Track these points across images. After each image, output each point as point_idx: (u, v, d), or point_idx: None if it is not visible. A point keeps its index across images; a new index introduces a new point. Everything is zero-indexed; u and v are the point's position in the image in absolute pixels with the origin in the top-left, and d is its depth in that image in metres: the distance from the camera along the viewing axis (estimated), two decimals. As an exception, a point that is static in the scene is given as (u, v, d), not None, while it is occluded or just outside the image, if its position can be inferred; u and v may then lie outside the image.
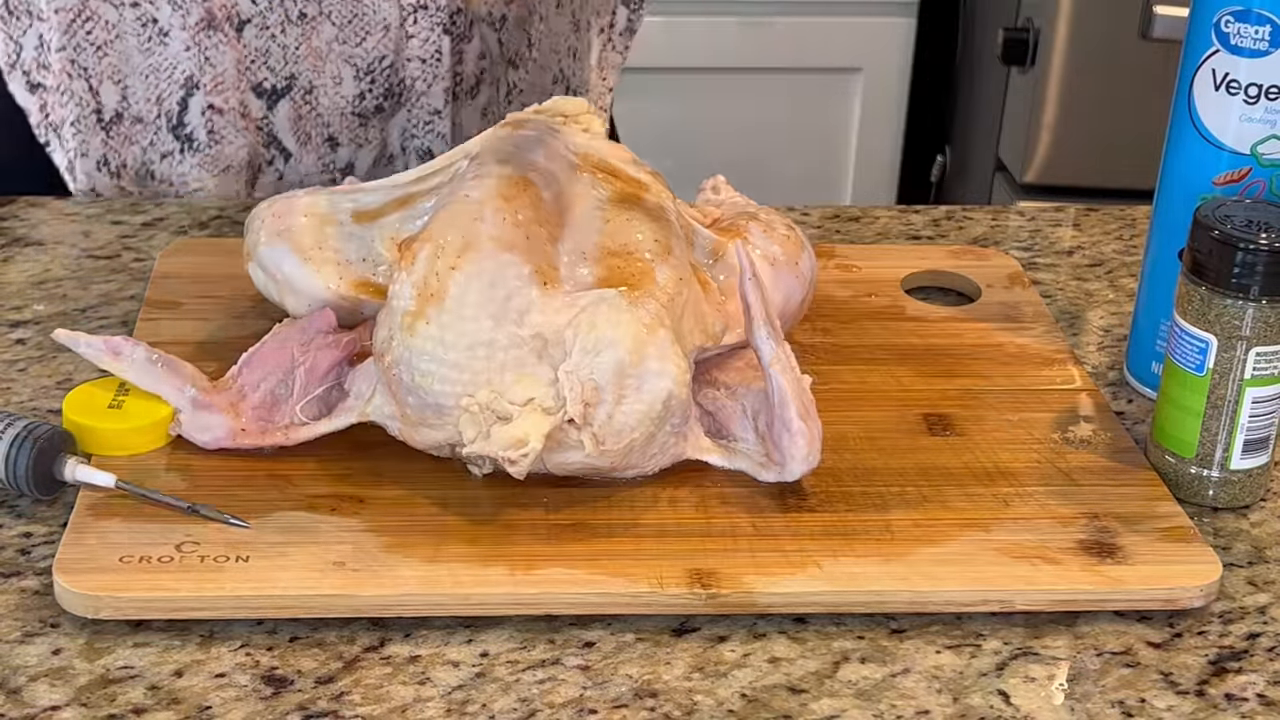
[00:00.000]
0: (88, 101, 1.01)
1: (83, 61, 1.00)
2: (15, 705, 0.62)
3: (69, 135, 1.02)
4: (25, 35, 1.01)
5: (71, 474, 0.72)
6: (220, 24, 0.98)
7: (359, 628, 0.67)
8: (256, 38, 0.99)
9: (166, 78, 1.00)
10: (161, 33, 0.99)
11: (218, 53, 0.99)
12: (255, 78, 1.00)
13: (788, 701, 0.64)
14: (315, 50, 0.99)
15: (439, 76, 1.02)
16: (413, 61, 1.02)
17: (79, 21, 0.99)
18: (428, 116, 1.04)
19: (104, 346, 0.76)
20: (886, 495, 0.74)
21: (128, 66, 1.00)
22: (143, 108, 1.01)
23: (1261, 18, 0.77)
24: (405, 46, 1.01)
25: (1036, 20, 1.98)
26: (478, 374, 0.70)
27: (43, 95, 1.02)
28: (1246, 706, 0.65)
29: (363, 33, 1.00)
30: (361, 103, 1.02)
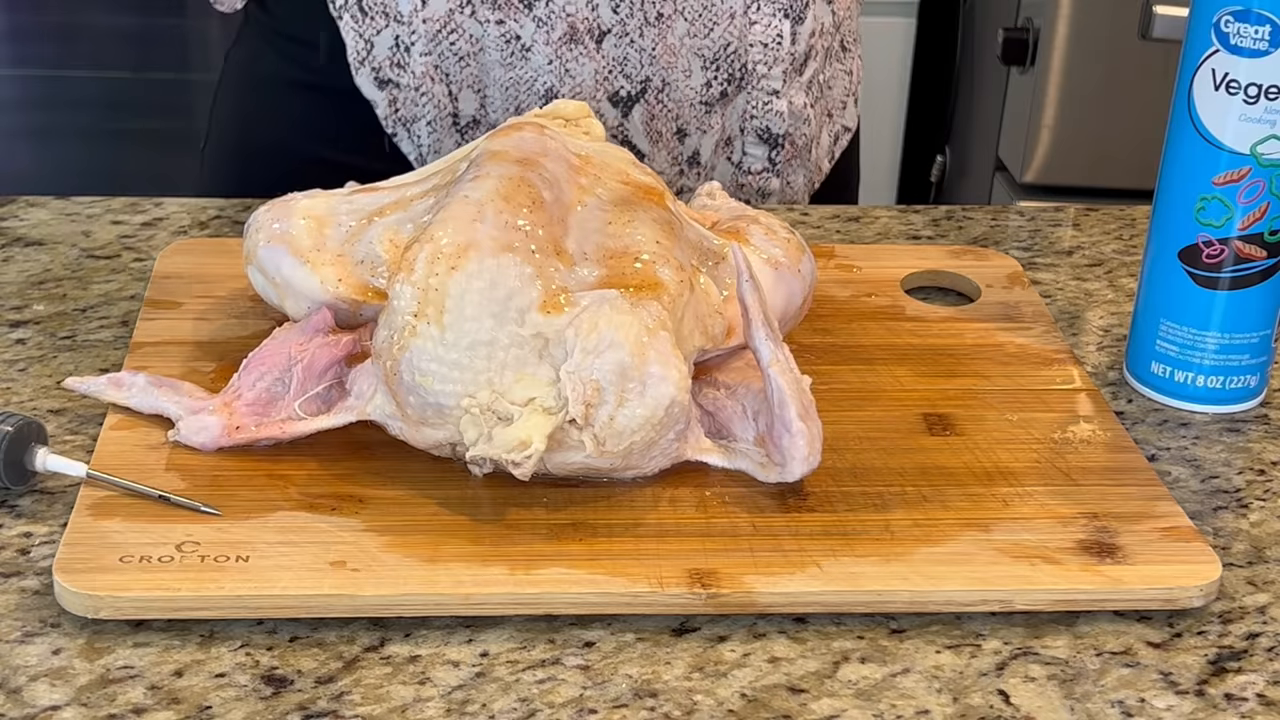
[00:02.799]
0: (445, 105, 1.04)
1: (445, 68, 1.03)
2: (15, 705, 0.62)
3: (422, 132, 1.05)
4: (379, 35, 1.04)
5: (42, 463, 0.73)
6: (582, 37, 1.00)
7: (359, 628, 0.67)
8: (615, 46, 1.02)
9: (527, 90, 1.03)
10: (524, 48, 1.02)
11: (578, 65, 1.01)
12: (612, 87, 1.03)
13: (788, 701, 0.64)
14: (670, 48, 1.02)
15: (779, 59, 1.06)
16: (754, 47, 1.05)
17: (444, 32, 1.02)
18: (766, 98, 1.07)
19: (106, 382, 0.78)
20: (886, 495, 0.74)
21: (488, 78, 1.03)
22: (500, 116, 1.04)
23: (1261, 18, 0.77)
24: (749, 33, 1.04)
25: (1036, 20, 1.98)
26: (478, 374, 0.70)
27: (392, 91, 1.05)
28: (1246, 706, 0.65)
29: (711, 23, 1.03)
30: (708, 91, 1.05)
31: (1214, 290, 0.82)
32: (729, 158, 1.07)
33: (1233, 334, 0.83)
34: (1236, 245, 0.81)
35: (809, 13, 1.06)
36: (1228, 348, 0.83)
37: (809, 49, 1.07)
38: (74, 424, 0.79)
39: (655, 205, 0.77)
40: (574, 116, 0.84)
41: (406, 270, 0.72)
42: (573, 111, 0.84)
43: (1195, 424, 0.84)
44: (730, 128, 1.07)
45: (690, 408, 0.73)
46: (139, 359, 0.83)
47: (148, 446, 0.75)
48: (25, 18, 2.49)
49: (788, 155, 1.08)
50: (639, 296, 0.72)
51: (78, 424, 0.79)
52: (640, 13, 1.01)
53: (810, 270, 0.83)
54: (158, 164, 2.03)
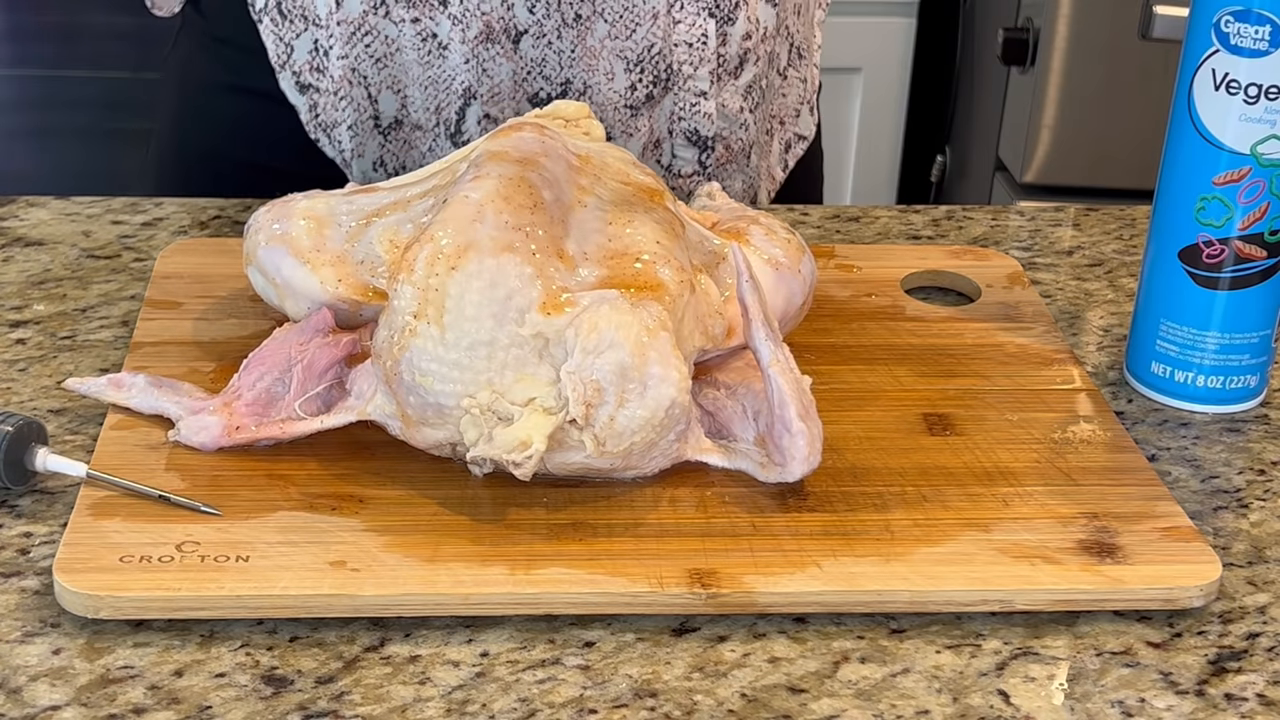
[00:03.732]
0: (365, 108, 1.04)
1: (362, 70, 1.02)
2: (15, 705, 0.62)
3: (344, 136, 1.05)
4: (298, 39, 1.03)
5: (42, 463, 0.73)
6: (498, 36, 1.00)
7: (359, 628, 0.67)
8: (533, 48, 1.01)
9: (445, 89, 1.02)
10: (440, 46, 1.01)
11: (495, 65, 1.01)
12: (531, 88, 1.02)
13: (788, 701, 0.64)
14: (590, 50, 1.01)
15: (704, 59, 1.04)
16: (679, 47, 1.03)
17: (359, 34, 1.01)
18: (693, 99, 1.06)
19: (106, 382, 0.78)
20: (886, 495, 0.74)
21: (407, 78, 1.02)
22: (421, 116, 1.03)
23: (1261, 18, 0.77)
24: (672, 33, 1.03)
25: (1036, 20, 1.98)
26: (479, 374, 0.70)
27: (313, 96, 1.04)
28: (1246, 706, 0.65)
29: (633, 25, 1.02)
30: (633, 94, 1.04)
31: (1214, 290, 0.82)
32: (658, 160, 1.06)
33: (1233, 334, 0.83)
34: (1236, 245, 0.81)
35: (739, 14, 1.04)
36: (1228, 348, 0.83)
37: (743, 51, 1.06)
38: (74, 424, 0.79)
39: (655, 205, 0.78)
40: (574, 117, 0.84)
41: (406, 270, 0.72)
42: (573, 112, 0.84)
43: (1195, 424, 0.84)
44: (659, 129, 1.06)
45: (690, 408, 0.73)
46: (139, 359, 0.83)
47: (148, 446, 0.75)
48: (25, 18, 2.49)
49: (720, 158, 1.07)
50: (639, 297, 0.72)
51: (78, 424, 0.79)
52: (557, 14, 1.00)
53: (810, 270, 0.83)
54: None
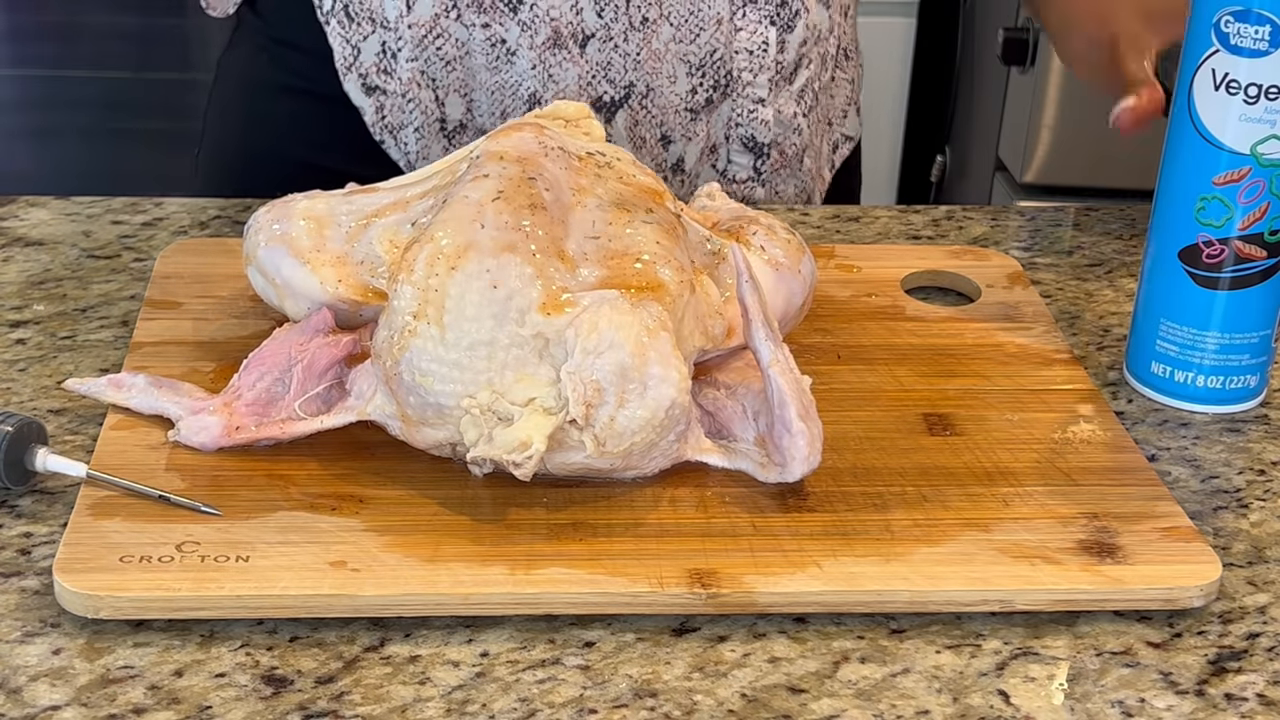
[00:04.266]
0: (432, 110, 1.04)
1: (431, 73, 1.03)
2: (15, 705, 0.62)
3: (410, 139, 1.05)
4: (366, 41, 1.03)
5: (42, 463, 0.73)
6: (565, 41, 1.00)
7: (359, 628, 0.67)
8: (599, 51, 1.01)
9: (511, 94, 1.03)
10: (509, 52, 1.01)
11: (561, 70, 1.01)
12: (595, 92, 1.03)
13: (788, 701, 0.64)
14: (654, 53, 1.02)
15: (764, 67, 1.05)
16: (740, 54, 1.04)
17: (430, 37, 1.02)
18: (751, 105, 1.06)
19: (106, 383, 0.78)
20: (886, 495, 0.74)
21: (474, 82, 1.03)
22: (487, 120, 1.04)
23: (1261, 18, 0.77)
24: (734, 40, 1.03)
25: (1036, 20, 1.98)
26: (479, 374, 0.70)
27: (379, 98, 1.05)
28: (1246, 706, 0.65)
29: (697, 29, 1.02)
30: (693, 97, 1.04)
31: (1214, 290, 0.82)
32: (714, 165, 1.07)
33: (1233, 334, 0.83)
34: (1236, 245, 0.81)
35: (799, 21, 1.05)
36: (1228, 348, 0.83)
37: (799, 57, 1.07)
38: (74, 424, 0.79)
39: (656, 206, 0.77)
40: (574, 117, 0.84)
41: (406, 270, 0.72)
42: (573, 112, 0.84)
43: (1195, 424, 0.84)
44: (715, 135, 1.06)
45: (690, 408, 0.73)
46: (139, 359, 0.83)
47: (148, 446, 0.75)
48: (25, 18, 2.49)
49: (774, 164, 1.08)
50: (639, 297, 0.72)
51: (78, 424, 0.79)
52: (625, 17, 1.01)
53: (810, 270, 0.83)
54: (158, 164, 2.03)
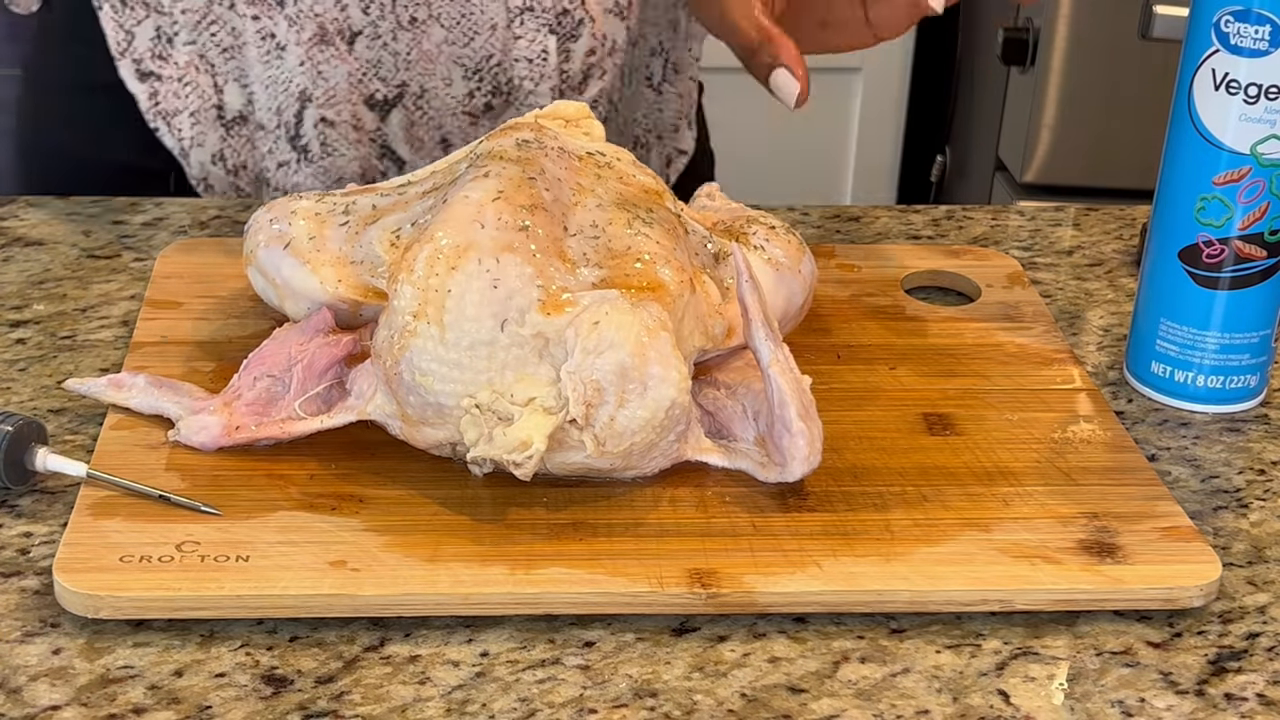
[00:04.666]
0: (209, 96, 1.03)
1: (210, 58, 1.02)
2: (15, 705, 0.62)
3: (185, 124, 1.04)
4: (139, 26, 1.03)
5: (42, 463, 0.73)
6: (332, 38, 0.99)
7: (359, 627, 0.67)
8: (368, 49, 1.01)
9: (284, 90, 1.02)
10: (279, 46, 1.01)
11: (330, 66, 1.00)
12: (367, 90, 1.02)
13: (788, 701, 0.64)
14: (426, 54, 1.01)
15: (545, 75, 1.04)
16: (520, 62, 1.03)
17: (204, 23, 1.01)
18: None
19: (107, 383, 0.78)
20: (886, 495, 0.74)
21: (251, 74, 1.02)
22: (264, 115, 1.03)
23: (1261, 18, 0.77)
24: (513, 47, 1.03)
25: (1036, 20, 1.98)
26: (479, 373, 0.70)
27: (154, 84, 1.04)
28: (1246, 706, 0.65)
29: (470, 33, 1.01)
30: (471, 101, 1.03)
31: (1214, 290, 0.83)
32: None
33: (1233, 334, 0.83)
34: (1236, 245, 0.81)
35: (583, 30, 1.04)
36: (1228, 348, 0.83)
37: (587, 67, 1.06)
38: (74, 424, 0.79)
39: (656, 206, 0.78)
40: (574, 117, 0.84)
41: (407, 270, 0.72)
42: (573, 112, 0.84)
43: (1195, 424, 0.84)
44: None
45: (690, 408, 0.73)
46: (139, 359, 0.83)
47: (148, 446, 0.75)
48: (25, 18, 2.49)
49: None
50: (639, 297, 0.72)
51: (78, 424, 0.79)
52: (392, 15, 1.00)
53: (810, 270, 0.83)
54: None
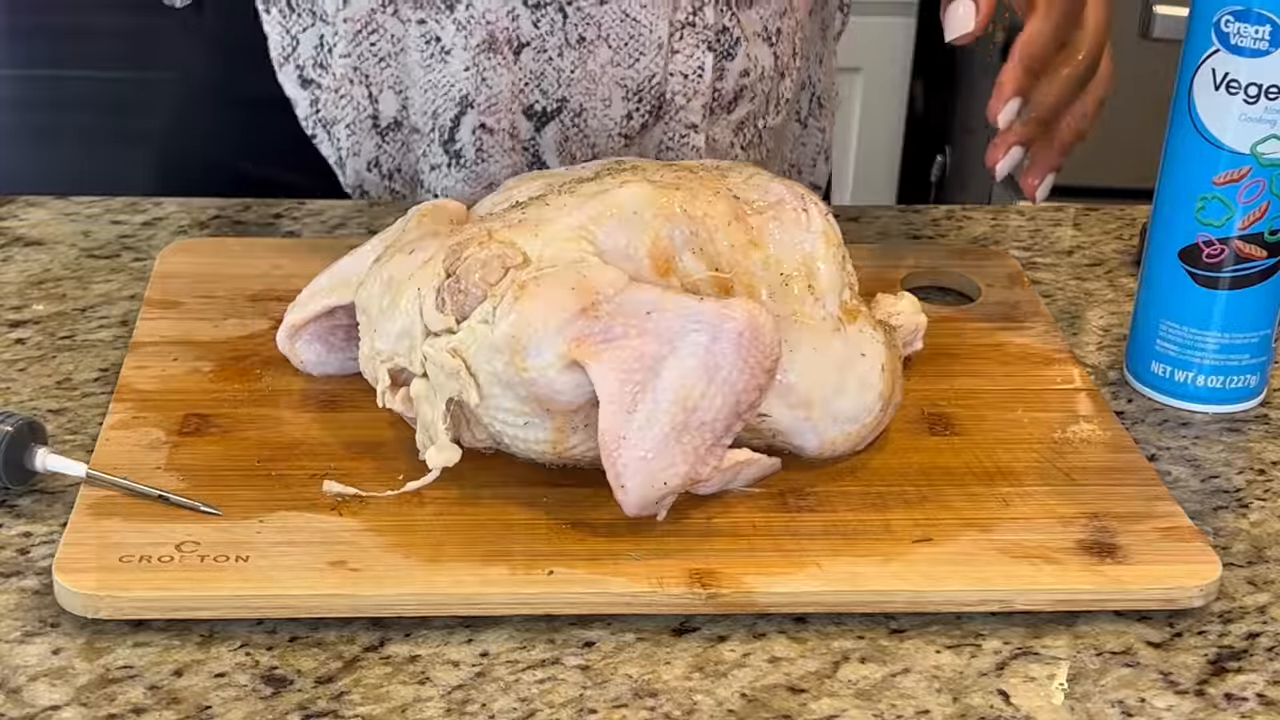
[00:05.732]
0: (365, 107, 1.03)
1: (365, 69, 1.02)
2: (15, 705, 0.62)
3: (341, 134, 1.04)
4: (305, 33, 1.03)
5: (42, 463, 0.73)
6: (500, 46, 0.99)
7: (359, 627, 0.67)
8: (533, 61, 1.00)
9: (444, 94, 1.02)
10: (443, 51, 1.00)
11: (495, 74, 1.00)
12: (527, 100, 1.01)
13: (788, 701, 0.64)
14: (590, 74, 1.00)
15: (699, 92, 1.03)
16: (674, 77, 1.03)
17: (365, 32, 1.01)
18: (683, 130, 1.04)
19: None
20: (886, 495, 0.74)
21: (408, 79, 1.02)
22: (419, 119, 1.03)
23: (1261, 18, 0.77)
24: (671, 62, 1.02)
25: (1036, 20, 1.98)
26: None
27: (314, 91, 1.04)
28: (1246, 706, 0.65)
29: (637, 54, 1.01)
30: (629, 123, 1.03)
31: (1214, 290, 0.82)
32: None
33: (1233, 334, 0.83)
34: (1237, 245, 0.81)
35: (739, 50, 1.04)
36: (1228, 347, 0.83)
37: (739, 88, 1.05)
38: (74, 424, 0.79)
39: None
40: None
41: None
42: None
43: (1195, 424, 0.84)
44: (646, 157, 1.05)
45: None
46: (139, 359, 0.83)
47: (148, 446, 0.75)
48: (25, 18, 2.49)
49: None
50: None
51: (78, 424, 0.79)
52: (561, 31, 1.00)
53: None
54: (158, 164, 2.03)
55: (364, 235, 0.99)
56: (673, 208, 0.73)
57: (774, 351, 0.70)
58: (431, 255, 0.72)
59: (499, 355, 0.69)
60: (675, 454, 0.68)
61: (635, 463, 0.68)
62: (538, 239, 0.71)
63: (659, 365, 0.68)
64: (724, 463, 0.71)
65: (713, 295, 0.72)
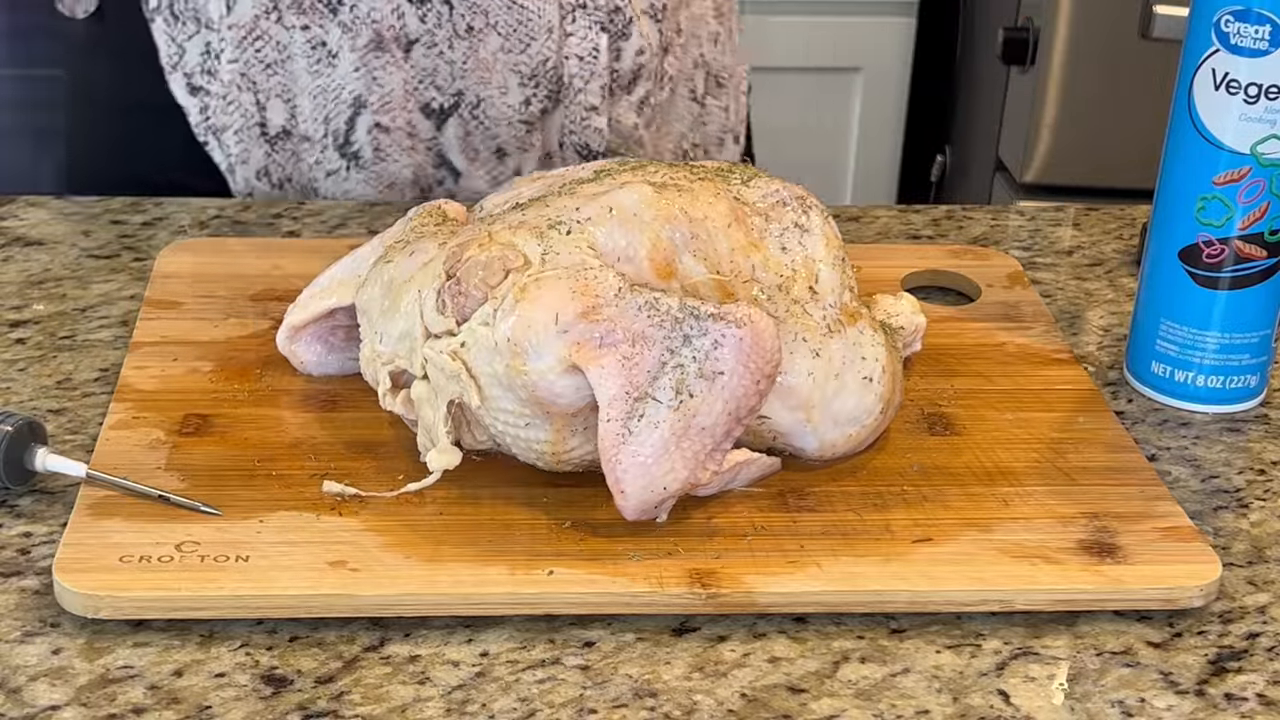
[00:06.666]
0: (252, 114, 1.03)
1: (252, 75, 1.02)
2: (15, 705, 0.62)
3: (230, 141, 1.05)
4: (190, 40, 1.03)
5: (42, 463, 0.73)
6: (388, 45, 0.99)
7: (359, 627, 0.67)
8: (424, 57, 1.01)
9: (334, 98, 1.02)
10: (330, 54, 1.01)
11: (385, 73, 1.00)
12: (423, 98, 1.02)
13: (788, 701, 0.64)
14: (482, 62, 1.01)
15: (596, 74, 1.04)
16: (570, 59, 1.03)
17: (249, 39, 1.01)
18: (584, 113, 1.05)
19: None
20: (886, 495, 0.74)
21: (296, 86, 1.02)
22: (310, 126, 1.03)
23: (1261, 17, 0.77)
24: (564, 45, 1.02)
25: (1036, 20, 1.98)
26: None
27: (204, 99, 1.04)
28: (1246, 706, 0.65)
29: (527, 39, 1.01)
30: (527, 109, 1.03)
31: (1214, 290, 0.82)
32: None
33: (1233, 334, 0.83)
34: (1237, 245, 0.81)
35: (633, 29, 1.04)
36: (1228, 347, 0.83)
37: (636, 67, 1.06)
38: (74, 424, 0.79)
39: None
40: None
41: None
42: None
43: (1195, 424, 0.84)
44: (549, 143, 1.06)
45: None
46: (139, 359, 0.83)
47: (148, 446, 0.75)
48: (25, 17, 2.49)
49: None
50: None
51: (78, 424, 0.79)
52: (449, 23, 1.00)
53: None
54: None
55: (364, 235, 0.99)
56: (673, 209, 0.73)
57: (775, 357, 0.70)
58: (432, 257, 0.72)
59: (499, 358, 0.69)
60: (675, 459, 0.68)
61: (635, 468, 0.68)
62: (538, 241, 0.71)
63: (659, 370, 0.68)
64: (723, 465, 0.71)
65: (713, 298, 0.72)
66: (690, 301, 0.70)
